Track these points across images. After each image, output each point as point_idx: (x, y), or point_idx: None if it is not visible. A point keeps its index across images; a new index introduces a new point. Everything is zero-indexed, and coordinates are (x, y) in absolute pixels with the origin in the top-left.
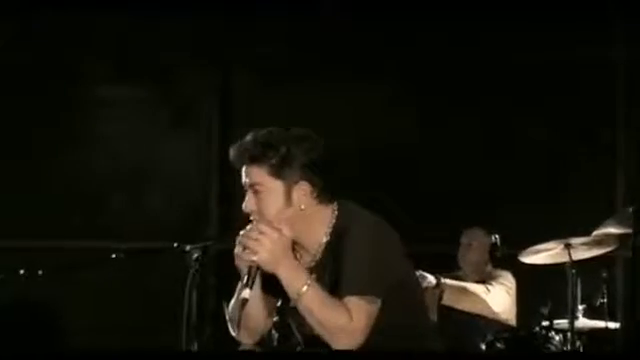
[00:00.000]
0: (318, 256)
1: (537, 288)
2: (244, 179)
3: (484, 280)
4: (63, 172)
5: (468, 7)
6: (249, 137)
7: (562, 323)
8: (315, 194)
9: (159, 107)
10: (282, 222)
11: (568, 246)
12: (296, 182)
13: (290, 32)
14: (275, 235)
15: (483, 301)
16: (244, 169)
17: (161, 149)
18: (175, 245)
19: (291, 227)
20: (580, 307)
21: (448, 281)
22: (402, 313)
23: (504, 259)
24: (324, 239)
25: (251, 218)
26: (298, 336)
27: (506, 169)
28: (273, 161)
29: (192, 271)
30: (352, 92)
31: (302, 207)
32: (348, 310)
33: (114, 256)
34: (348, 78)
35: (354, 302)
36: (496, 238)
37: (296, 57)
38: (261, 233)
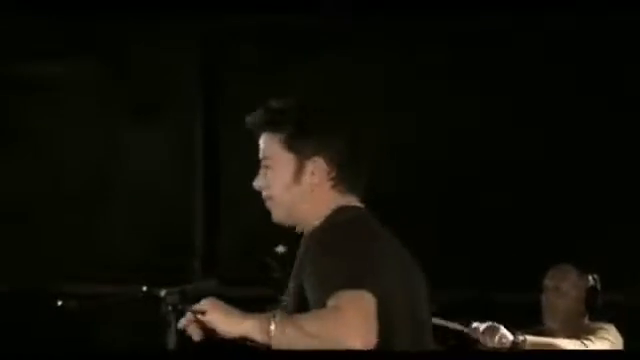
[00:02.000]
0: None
1: None
2: (260, 150)
3: (578, 336)
4: None
5: None
6: (269, 104)
7: None
8: (332, 175)
9: (120, 92)
10: (286, 202)
11: None
12: (310, 157)
13: None
14: (212, 305)
15: None
16: (261, 138)
17: (123, 151)
18: (144, 289)
19: (292, 210)
20: None
21: (530, 338)
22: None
23: (606, 308)
24: (314, 225)
25: (263, 196)
26: None
27: (608, 180)
28: (286, 130)
29: (168, 322)
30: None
31: (313, 189)
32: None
33: (60, 303)
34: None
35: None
36: (595, 279)
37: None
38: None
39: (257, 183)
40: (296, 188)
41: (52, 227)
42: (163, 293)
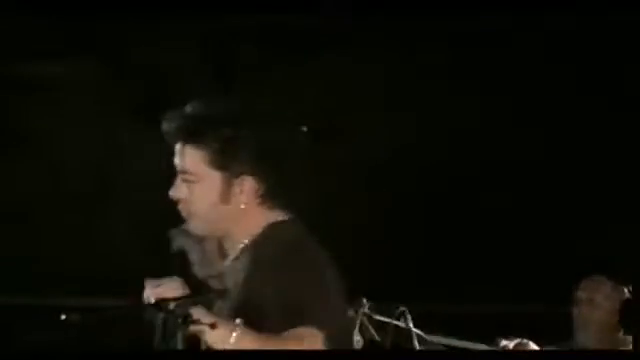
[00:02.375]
0: (231, 259)
1: None
2: (175, 160)
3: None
4: None
5: None
6: (189, 107)
7: None
8: (260, 192)
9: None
10: (210, 220)
11: None
12: (239, 176)
13: None
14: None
15: None
16: (178, 147)
17: (126, 153)
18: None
19: (218, 225)
20: None
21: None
22: None
23: None
24: (241, 244)
25: (179, 207)
26: None
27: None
28: (214, 146)
29: (179, 337)
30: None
31: (242, 206)
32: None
33: (64, 317)
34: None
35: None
36: (631, 291)
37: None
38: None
39: (175, 194)
40: (223, 207)
41: (52, 229)
42: (172, 305)
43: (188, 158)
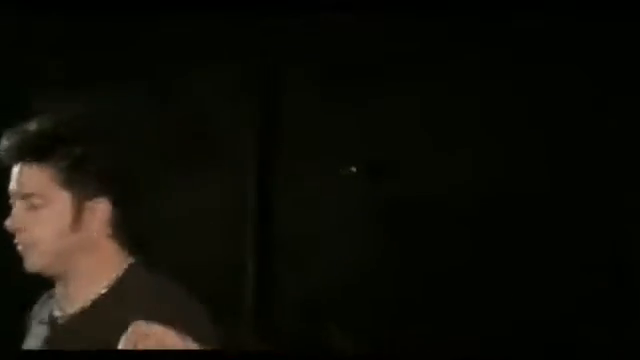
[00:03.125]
0: (78, 309)
1: None
2: (13, 185)
3: None
4: None
5: None
6: (33, 125)
7: None
8: (112, 221)
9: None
10: (56, 251)
11: None
12: (92, 197)
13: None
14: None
15: None
16: (17, 169)
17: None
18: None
19: (63, 259)
20: None
21: None
22: None
23: None
24: (98, 290)
25: (16, 241)
26: None
27: None
28: (62, 163)
29: None
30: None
31: (94, 234)
32: None
33: None
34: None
35: None
36: None
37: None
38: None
39: (14, 224)
40: (72, 236)
41: None
42: None
43: (33, 179)
